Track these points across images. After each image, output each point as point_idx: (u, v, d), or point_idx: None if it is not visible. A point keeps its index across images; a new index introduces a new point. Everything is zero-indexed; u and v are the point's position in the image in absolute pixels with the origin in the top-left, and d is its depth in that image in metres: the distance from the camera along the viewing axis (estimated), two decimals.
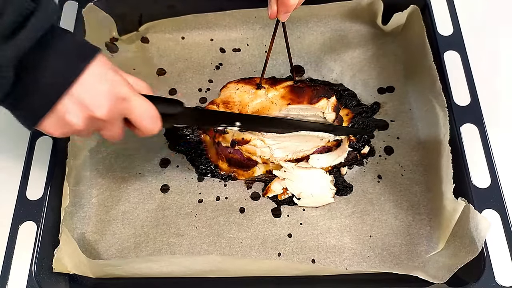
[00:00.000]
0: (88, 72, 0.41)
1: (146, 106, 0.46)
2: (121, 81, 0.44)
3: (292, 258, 0.56)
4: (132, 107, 0.44)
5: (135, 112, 0.45)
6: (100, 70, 0.42)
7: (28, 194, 0.56)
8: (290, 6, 0.50)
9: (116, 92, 0.43)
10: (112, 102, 0.43)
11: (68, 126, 0.42)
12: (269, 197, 0.60)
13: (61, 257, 0.53)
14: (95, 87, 0.42)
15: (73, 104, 0.41)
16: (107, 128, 0.45)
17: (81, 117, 0.42)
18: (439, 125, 0.59)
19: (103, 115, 0.42)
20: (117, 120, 0.45)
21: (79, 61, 0.41)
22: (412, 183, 0.60)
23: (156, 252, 0.57)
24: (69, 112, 0.41)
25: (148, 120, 0.46)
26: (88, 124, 0.43)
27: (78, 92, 0.40)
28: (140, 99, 0.45)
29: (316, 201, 0.59)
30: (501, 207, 0.53)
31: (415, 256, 0.56)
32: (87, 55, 0.42)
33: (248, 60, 0.71)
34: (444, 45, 0.64)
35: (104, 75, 0.42)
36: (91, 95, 0.41)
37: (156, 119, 0.47)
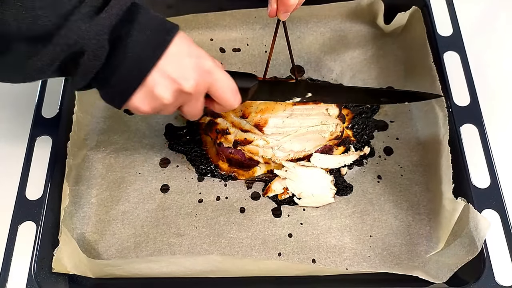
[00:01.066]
0: (173, 45, 0.41)
1: (228, 79, 0.46)
2: (205, 54, 0.44)
3: (292, 258, 0.56)
4: (215, 80, 0.45)
5: (218, 85, 0.45)
6: (184, 44, 0.42)
7: (27, 194, 0.56)
8: (290, 5, 0.50)
9: (201, 65, 0.43)
10: (199, 75, 0.43)
11: (157, 100, 0.42)
12: (270, 197, 0.60)
13: (61, 257, 0.52)
14: (181, 60, 0.42)
15: (162, 78, 0.41)
16: (192, 102, 0.45)
17: (170, 90, 0.42)
18: (439, 125, 0.59)
19: (191, 88, 0.43)
20: (202, 94, 0.45)
21: (164, 34, 0.41)
22: (412, 183, 0.61)
23: (156, 252, 0.57)
24: (158, 85, 0.41)
25: (229, 93, 0.46)
26: (176, 97, 0.43)
27: (166, 65, 0.41)
28: (222, 72, 0.46)
29: (316, 201, 0.59)
30: (501, 207, 0.54)
31: (415, 256, 0.56)
32: (171, 29, 0.42)
33: (248, 60, 0.71)
34: (443, 46, 0.64)
35: (188, 48, 0.43)
36: (179, 68, 0.42)
37: (237, 92, 0.47)
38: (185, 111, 0.47)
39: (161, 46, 0.41)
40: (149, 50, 0.41)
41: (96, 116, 0.66)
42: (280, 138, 0.58)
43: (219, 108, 0.48)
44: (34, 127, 0.60)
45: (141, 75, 0.41)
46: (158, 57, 0.41)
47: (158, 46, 0.41)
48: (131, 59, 0.40)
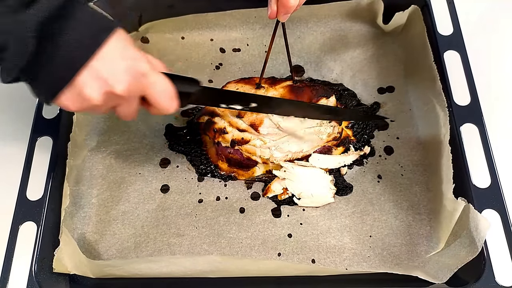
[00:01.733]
0: (108, 45, 0.40)
1: (165, 84, 0.44)
2: (141, 57, 0.43)
3: (292, 258, 0.56)
4: (151, 84, 0.43)
5: (153, 89, 0.43)
6: (120, 44, 0.41)
7: (28, 194, 0.56)
8: (290, 7, 0.50)
9: (136, 68, 0.41)
10: (132, 78, 0.41)
11: (86, 101, 0.41)
12: (269, 197, 0.60)
13: (61, 257, 0.53)
14: (115, 61, 0.40)
15: (92, 78, 0.40)
16: (124, 105, 0.44)
17: (100, 92, 0.40)
18: (439, 125, 0.59)
19: (122, 91, 0.41)
20: (135, 97, 0.44)
21: (99, 33, 0.40)
22: (412, 183, 0.60)
23: (156, 252, 0.57)
24: (88, 86, 0.40)
25: (166, 98, 0.45)
26: (106, 99, 0.42)
27: (97, 66, 0.39)
28: (159, 76, 0.44)
29: (316, 201, 0.59)
30: (501, 207, 0.53)
31: (415, 256, 0.56)
32: (107, 28, 0.40)
33: (248, 60, 0.71)
34: (444, 45, 0.64)
35: (124, 50, 0.41)
36: (111, 70, 0.40)
37: (174, 98, 0.46)
38: (118, 112, 0.45)
39: (94, 45, 0.39)
40: (81, 49, 0.39)
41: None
42: (276, 138, 0.58)
43: (155, 111, 0.46)
44: (34, 128, 0.61)
45: (70, 75, 0.39)
46: (90, 57, 0.39)
47: (91, 45, 0.39)
48: (61, 57, 0.38)
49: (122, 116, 0.46)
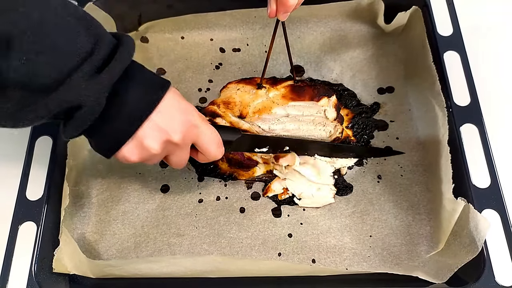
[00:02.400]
0: (165, 100, 0.44)
1: (213, 133, 0.49)
2: (193, 109, 0.47)
3: (292, 258, 0.56)
4: (201, 133, 0.48)
5: (203, 138, 0.48)
6: (174, 99, 0.45)
7: (28, 194, 0.56)
8: (289, 6, 0.50)
9: (189, 119, 0.46)
10: (186, 128, 0.46)
11: (146, 151, 0.44)
12: (269, 197, 0.60)
13: (61, 257, 0.53)
14: (171, 114, 0.44)
15: (152, 130, 0.43)
16: (178, 153, 0.48)
17: (159, 141, 0.44)
18: (439, 125, 0.59)
19: (178, 139, 0.45)
20: (188, 145, 0.48)
21: (157, 90, 0.44)
22: (411, 183, 0.60)
23: (156, 252, 0.57)
24: (148, 137, 0.44)
25: (214, 146, 0.50)
26: (164, 148, 0.46)
27: (156, 119, 0.43)
28: (208, 126, 0.49)
29: (316, 201, 0.59)
30: (501, 207, 0.53)
31: (415, 256, 0.56)
32: (163, 85, 0.44)
33: (248, 60, 0.71)
34: (443, 45, 0.64)
35: (179, 104, 0.45)
36: (168, 121, 0.44)
37: (220, 145, 0.51)
38: (171, 160, 0.49)
39: (154, 101, 0.43)
40: (143, 105, 0.43)
41: None
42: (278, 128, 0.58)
43: (203, 159, 0.51)
44: (34, 127, 0.60)
45: (133, 128, 0.43)
46: (151, 112, 0.43)
47: (152, 101, 0.43)
48: (125, 113, 0.42)
49: (174, 164, 0.49)
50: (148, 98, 0.43)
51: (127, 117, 0.42)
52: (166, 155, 0.48)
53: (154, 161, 0.47)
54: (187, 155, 0.49)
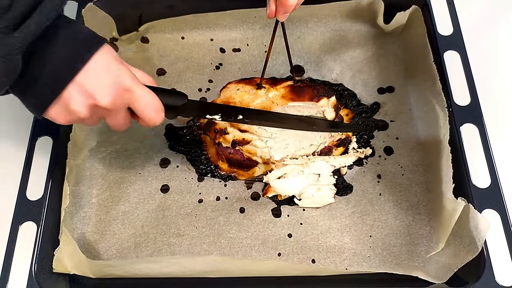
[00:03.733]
0: (93, 61, 0.41)
1: (150, 98, 0.46)
2: (126, 72, 0.44)
3: (292, 258, 0.56)
4: (135, 98, 0.45)
5: (138, 103, 0.46)
6: (105, 60, 0.43)
7: (28, 194, 0.56)
8: (289, 6, 0.50)
9: (120, 82, 0.43)
10: (116, 92, 0.43)
11: (72, 114, 0.43)
12: (269, 197, 0.60)
13: (61, 257, 0.53)
14: (100, 76, 0.42)
15: (77, 92, 0.42)
16: (112, 116, 0.46)
17: (85, 105, 0.42)
18: (439, 125, 0.59)
19: (106, 103, 0.43)
20: (121, 109, 0.46)
21: (84, 50, 0.41)
22: (412, 183, 0.60)
23: (156, 252, 0.57)
24: (73, 101, 0.42)
25: (151, 111, 0.47)
26: (92, 112, 0.44)
27: (82, 81, 0.41)
28: (144, 90, 0.46)
29: (316, 201, 0.59)
30: (501, 207, 0.53)
31: (415, 256, 0.56)
32: (93, 44, 0.42)
33: (248, 60, 0.71)
34: (444, 45, 0.64)
35: (109, 65, 0.43)
36: (96, 84, 0.42)
37: (159, 111, 0.48)
38: (108, 123, 0.47)
39: (79, 62, 0.41)
40: (67, 66, 0.41)
41: None
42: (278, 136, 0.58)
43: (142, 123, 0.49)
44: (34, 127, 0.60)
45: (56, 90, 0.41)
46: (75, 73, 0.41)
47: (77, 61, 0.41)
48: (47, 74, 0.40)
49: (113, 127, 0.48)
50: (73, 59, 0.41)
51: (49, 79, 0.40)
52: (99, 118, 0.46)
53: (89, 123, 0.46)
54: (124, 119, 0.47)
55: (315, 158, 0.61)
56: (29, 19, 0.38)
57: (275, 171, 0.59)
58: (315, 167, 0.60)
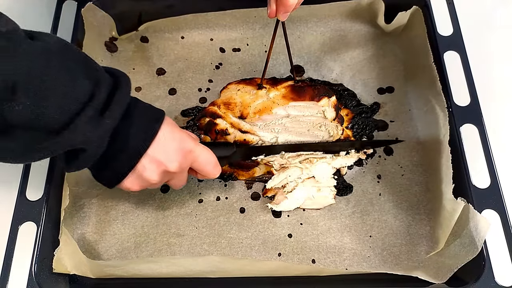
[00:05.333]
0: (160, 133, 0.46)
1: (208, 154, 0.51)
2: (186, 136, 0.49)
3: (292, 258, 0.56)
4: (197, 157, 0.50)
5: (199, 161, 0.50)
6: (168, 130, 0.47)
7: (28, 194, 0.56)
8: (289, 6, 0.50)
9: (184, 147, 0.48)
10: (182, 156, 0.48)
11: (146, 182, 0.47)
12: (269, 197, 0.60)
13: (61, 258, 0.53)
14: (167, 145, 0.46)
15: (150, 163, 0.46)
16: (177, 178, 0.50)
17: (157, 173, 0.47)
18: (439, 125, 0.59)
19: (175, 168, 0.48)
20: (185, 170, 0.50)
21: (153, 124, 0.46)
22: (412, 183, 0.61)
23: (156, 252, 0.57)
24: (147, 170, 0.46)
25: (210, 167, 0.52)
26: (163, 177, 0.48)
27: (153, 152, 0.46)
28: (202, 149, 0.51)
29: (317, 202, 0.59)
30: (501, 207, 0.54)
31: (415, 256, 0.56)
32: (157, 118, 0.46)
33: (248, 60, 0.71)
34: (444, 45, 0.64)
35: (172, 134, 0.47)
36: (164, 153, 0.46)
37: (216, 165, 0.52)
38: (172, 184, 0.52)
39: (151, 135, 0.45)
40: (140, 142, 0.45)
41: None
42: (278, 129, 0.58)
43: (202, 177, 0.54)
44: None
45: (132, 164, 0.45)
46: (147, 147, 0.45)
47: (148, 135, 0.45)
48: (125, 151, 0.44)
49: (175, 187, 0.53)
50: (144, 134, 0.45)
51: (126, 154, 0.44)
52: (166, 181, 0.51)
53: (156, 186, 0.50)
54: (185, 177, 0.52)
55: (315, 159, 0.60)
56: (111, 105, 0.41)
57: (276, 176, 0.59)
58: (315, 170, 0.60)
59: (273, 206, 0.58)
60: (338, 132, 0.61)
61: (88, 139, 0.40)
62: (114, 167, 0.45)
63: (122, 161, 0.45)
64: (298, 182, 0.59)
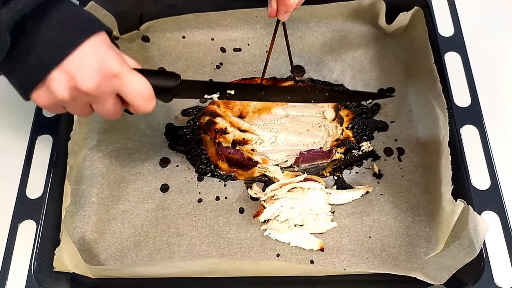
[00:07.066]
0: (83, 48, 0.40)
1: (140, 83, 0.43)
2: (113, 56, 0.41)
3: (291, 258, 0.56)
4: (123, 84, 0.42)
5: (127, 89, 0.43)
6: (93, 47, 0.40)
7: (28, 192, 0.56)
8: (290, 5, 0.50)
9: (106, 68, 0.41)
10: (102, 78, 0.41)
11: (52, 96, 0.41)
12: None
13: (62, 256, 0.53)
14: (84, 60, 0.40)
15: (59, 73, 0.40)
16: (99, 103, 0.43)
17: (66, 87, 0.40)
18: (439, 126, 0.59)
19: (89, 88, 0.40)
20: (109, 96, 0.43)
21: (75, 36, 0.39)
22: (411, 185, 0.60)
23: (156, 252, 0.57)
24: (55, 81, 0.40)
25: (141, 99, 0.44)
26: (73, 95, 0.41)
27: (69, 65, 0.39)
28: (133, 75, 0.43)
29: (319, 226, 0.58)
30: (501, 209, 0.53)
31: (414, 257, 0.56)
32: (85, 30, 0.40)
33: (248, 59, 0.71)
34: (445, 46, 0.64)
35: (97, 50, 0.41)
36: (79, 68, 0.40)
37: (151, 98, 0.44)
38: (97, 111, 0.45)
39: (67, 47, 0.39)
40: (54, 50, 0.39)
41: (97, 116, 0.66)
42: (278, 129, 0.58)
43: (132, 111, 0.45)
44: (35, 126, 0.61)
45: (41, 75, 0.40)
46: (62, 59, 0.39)
47: (64, 47, 0.39)
48: (34, 56, 0.39)
49: (102, 115, 0.45)
50: (62, 42, 0.39)
51: (35, 61, 0.39)
52: (84, 104, 0.43)
53: (75, 110, 0.44)
54: (114, 107, 0.44)
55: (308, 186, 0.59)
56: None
57: (268, 207, 0.57)
58: (308, 199, 0.58)
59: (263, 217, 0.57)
60: (337, 132, 0.61)
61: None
62: (22, 74, 0.40)
63: (30, 67, 0.39)
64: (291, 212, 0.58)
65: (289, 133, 0.59)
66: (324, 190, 0.59)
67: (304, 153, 0.61)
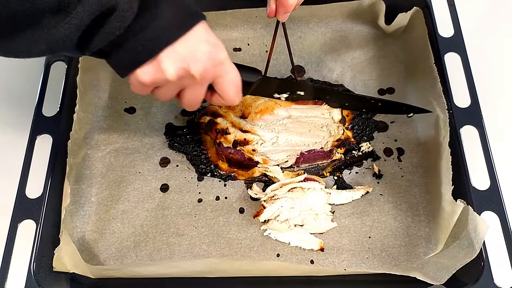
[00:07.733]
0: (194, 31, 0.41)
1: (236, 75, 0.46)
2: (222, 46, 0.44)
3: (291, 259, 0.56)
4: (225, 72, 0.45)
5: (225, 77, 0.45)
6: (204, 33, 0.42)
7: (27, 192, 0.56)
8: (289, 6, 0.50)
9: (216, 54, 0.43)
10: (210, 62, 0.43)
11: (161, 74, 0.42)
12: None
13: (62, 256, 0.53)
14: (197, 44, 0.42)
15: (173, 54, 0.41)
16: (193, 88, 0.45)
17: (177, 67, 0.41)
18: (439, 126, 0.59)
19: (197, 72, 0.42)
20: (207, 81, 0.45)
21: (190, 17, 0.42)
22: (411, 185, 0.60)
23: (156, 252, 0.57)
24: (166, 60, 0.41)
25: (233, 89, 0.46)
26: (181, 77, 0.42)
27: (180, 47, 0.41)
28: (233, 67, 0.46)
29: (319, 226, 0.58)
30: (501, 209, 0.53)
31: (414, 258, 0.56)
32: (197, 15, 0.42)
33: (248, 60, 0.71)
34: (444, 47, 0.64)
35: (207, 36, 0.43)
36: (192, 51, 0.42)
37: (239, 90, 0.47)
38: (184, 96, 0.46)
39: (183, 27, 0.41)
40: (171, 28, 0.40)
41: (97, 115, 0.66)
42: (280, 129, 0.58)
43: (217, 101, 0.48)
44: (34, 125, 0.61)
45: (154, 50, 0.40)
46: (177, 38, 0.41)
47: (181, 27, 0.41)
48: (152, 30, 0.39)
49: (186, 102, 0.47)
50: (178, 22, 0.41)
51: (152, 35, 0.40)
52: (181, 87, 0.45)
53: (167, 92, 0.45)
54: (202, 94, 0.46)
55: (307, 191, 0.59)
56: None
57: (268, 207, 0.57)
58: (308, 199, 0.58)
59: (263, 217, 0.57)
60: (339, 132, 0.61)
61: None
62: (134, 48, 0.40)
63: (145, 42, 0.40)
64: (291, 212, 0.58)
65: (291, 133, 0.59)
66: (324, 190, 0.59)
67: (305, 153, 0.61)
